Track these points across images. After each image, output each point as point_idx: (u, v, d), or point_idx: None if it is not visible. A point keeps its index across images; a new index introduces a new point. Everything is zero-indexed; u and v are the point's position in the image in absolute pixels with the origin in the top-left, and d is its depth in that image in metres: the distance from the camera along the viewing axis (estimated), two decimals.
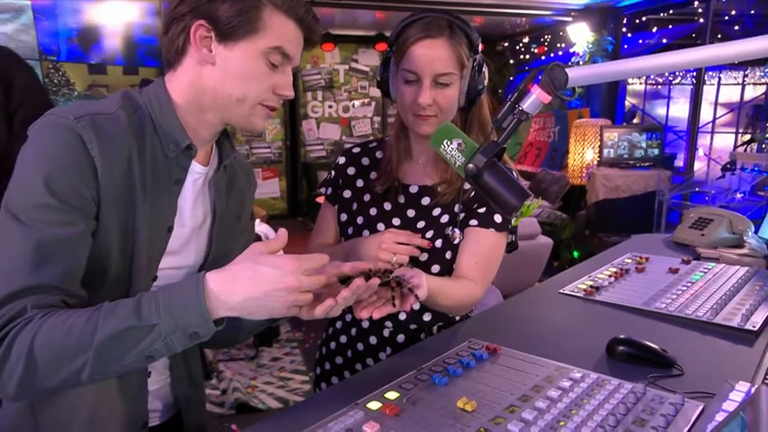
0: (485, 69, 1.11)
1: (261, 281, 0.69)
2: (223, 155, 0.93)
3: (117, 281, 0.79)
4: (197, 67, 0.82)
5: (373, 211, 1.17)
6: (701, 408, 0.78)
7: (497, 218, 1.11)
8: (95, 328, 0.66)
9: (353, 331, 1.19)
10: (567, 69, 0.82)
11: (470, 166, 0.83)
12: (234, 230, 0.97)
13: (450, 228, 1.11)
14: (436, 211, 1.14)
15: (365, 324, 1.17)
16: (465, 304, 1.11)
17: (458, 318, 1.20)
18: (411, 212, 1.16)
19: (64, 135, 0.73)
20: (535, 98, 0.81)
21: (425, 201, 1.16)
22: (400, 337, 1.15)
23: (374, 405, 0.80)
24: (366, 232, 1.15)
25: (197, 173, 0.89)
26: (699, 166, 6.11)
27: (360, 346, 1.18)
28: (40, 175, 0.71)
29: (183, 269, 0.90)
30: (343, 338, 1.21)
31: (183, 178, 0.86)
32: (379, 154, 1.23)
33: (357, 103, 7.35)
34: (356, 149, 1.26)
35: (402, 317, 1.15)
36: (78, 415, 0.81)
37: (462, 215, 1.12)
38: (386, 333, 1.16)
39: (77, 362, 0.67)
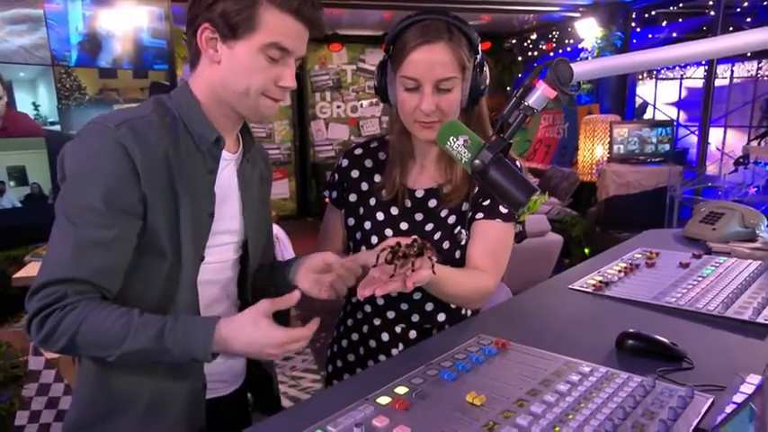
0: (486, 69, 1.09)
1: (254, 344, 0.83)
2: (245, 147, 1.02)
3: (171, 265, 0.89)
4: (209, 67, 0.90)
5: (380, 216, 1.16)
6: (710, 400, 0.77)
7: (503, 208, 1.11)
8: (125, 337, 0.80)
9: (365, 329, 1.19)
10: (572, 64, 0.82)
11: (476, 162, 0.84)
12: (261, 213, 1.07)
13: (458, 229, 1.12)
14: (444, 213, 1.14)
15: (377, 321, 1.17)
16: (478, 294, 1.11)
17: (469, 315, 1.20)
18: (419, 216, 1.15)
19: (106, 143, 0.82)
20: (540, 93, 0.82)
21: (432, 203, 1.15)
22: (412, 334, 1.15)
23: (384, 400, 0.81)
24: (374, 237, 1.15)
25: (227, 159, 0.97)
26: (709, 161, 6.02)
27: (372, 343, 1.18)
28: (86, 181, 0.82)
29: (230, 245, 1.00)
30: (355, 336, 1.21)
31: (216, 168, 0.94)
32: (381, 155, 1.21)
33: (365, 102, 7.36)
34: (358, 150, 1.24)
35: (415, 318, 1.15)
36: (146, 386, 0.92)
37: (470, 214, 1.12)
38: (398, 330, 1.16)
39: (106, 352, 0.82)
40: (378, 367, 1.00)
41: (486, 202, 1.12)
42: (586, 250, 4.75)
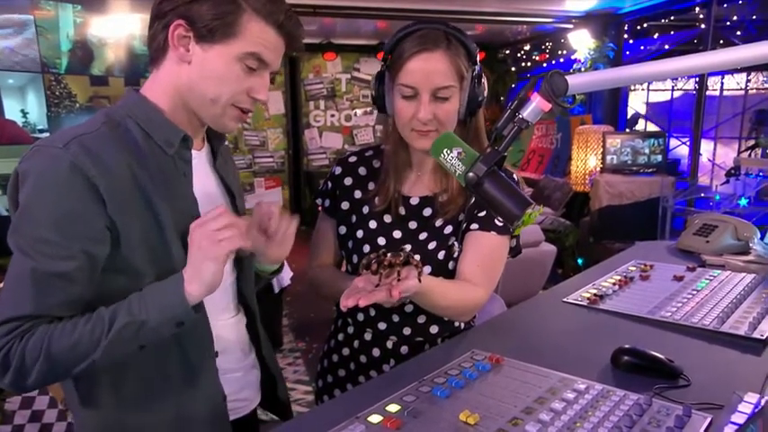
0: (484, 80, 1.08)
1: (197, 239, 0.79)
2: (213, 140, 0.97)
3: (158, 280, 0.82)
4: (176, 66, 0.84)
5: (373, 224, 1.15)
6: (708, 420, 0.76)
7: (498, 220, 1.09)
8: (101, 336, 0.75)
9: (356, 344, 1.17)
10: (566, 77, 0.81)
11: (471, 174, 0.82)
12: (242, 206, 1.03)
13: (452, 240, 1.10)
14: (438, 222, 1.12)
15: (368, 336, 1.15)
16: (467, 306, 1.09)
17: (462, 327, 1.18)
18: (413, 224, 1.14)
19: (58, 166, 0.75)
20: (535, 106, 0.81)
21: (427, 212, 1.14)
22: (404, 349, 1.13)
23: (375, 418, 0.79)
24: (366, 246, 1.13)
25: (195, 158, 0.92)
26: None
27: (363, 359, 1.16)
28: (40, 210, 0.75)
29: None
30: (346, 351, 1.19)
31: (190, 170, 0.89)
32: (376, 163, 1.20)
33: (359, 111, 7.37)
34: (352, 158, 1.23)
35: (407, 331, 1.13)
36: (164, 416, 0.87)
37: (464, 225, 1.11)
38: (389, 345, 1.14)
39: (88, 359, 0.76)
40: (369, 384, 0.98)
41: (482, 213, 1.10)
42: (579, 260, 4.76)
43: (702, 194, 4.91)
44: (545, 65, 6.88)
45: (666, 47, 6.04)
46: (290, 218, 0.95)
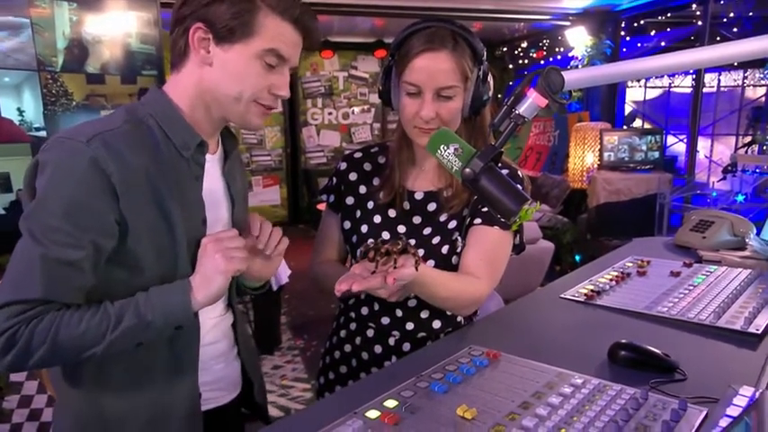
0: (490, 80, 1.09)
1: (206, 256, 0.84)
2: (227, 144, 0.99)
3: (162, 279, 0.84)
4: (197, 69, 0.86)
5: (377, 219, 1.15)
6: (704, 413, 0.76)
7: None
8: (106, 331, 0.78)
9: (358, 340, 1.17)
10: (563, 72, 0.81)
11: (467, 170, 0.83)
12: (246, 210, 1.04)
13: (456, 235, 1.11)
14: (443, 217, 1.13)
15: (370, 333, 1.15)
16: (468, 299, 1.09)
17: (463, 323, 1.18)
18: (417, 219, 1.14)
19: (79, 160, 0.77)
20: (531, 102, 0.81)
21: (431, 207, 1.14)
22: (406, 346, 1.13)
23: (373, 414, 0.79)
24: (370, 241, 1.14)
25: (208, 161, 0.93)
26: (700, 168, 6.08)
27: (364, 356, 1.16)
28: (55, 200, 0.77)
29: None
30: (348, 347, 1.19)
31: (202, 174, 0.91)
32: (381, 159, 1.21)
33: (357, 109, 7.37)
34: (357, 155, 1.23)
35: (410, 326, 1.13)
36: (140, 405, 0.88)
37: (468, 220, 1.11)
38: (391, 342, 1.14)
39: (90, 351, 0.79)
40: (368, 379, 0.98)
41: (485, 209, 1.10)
42: (577, 257, 4.77)
43: (699, 191, 4.93)
44: (542, 62, 6.88)
45: (663, 44, 6.05)
46: (282, 235, 0.96)
